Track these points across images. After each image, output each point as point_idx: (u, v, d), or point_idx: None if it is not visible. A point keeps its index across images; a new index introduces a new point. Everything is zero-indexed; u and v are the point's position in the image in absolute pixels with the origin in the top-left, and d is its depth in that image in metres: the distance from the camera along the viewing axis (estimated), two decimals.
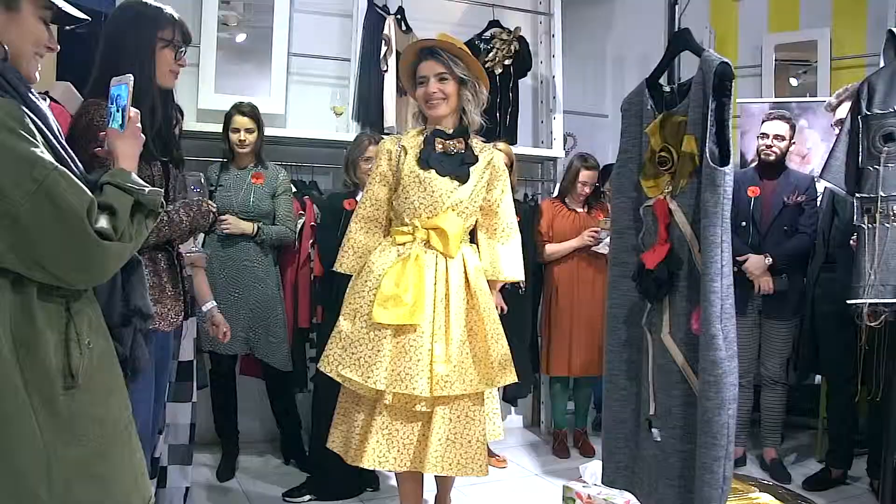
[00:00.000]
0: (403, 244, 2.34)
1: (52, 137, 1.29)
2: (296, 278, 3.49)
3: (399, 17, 3.90)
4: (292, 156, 3.77)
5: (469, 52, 2.41)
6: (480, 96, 2.39)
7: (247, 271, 3.20)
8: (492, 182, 2.43)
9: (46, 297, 1.24)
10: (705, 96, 1.51)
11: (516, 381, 2.39)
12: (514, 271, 2.47)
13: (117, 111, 1.43)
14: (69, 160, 1.31)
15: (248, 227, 3.17)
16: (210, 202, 2.04)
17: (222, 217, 3.07)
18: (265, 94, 3.74)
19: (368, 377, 2.23)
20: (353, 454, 2.33)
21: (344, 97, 3.96)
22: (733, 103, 4.64)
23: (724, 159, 1.51)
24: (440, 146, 2.36)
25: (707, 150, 1.50)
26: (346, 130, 3.88)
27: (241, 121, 3.26)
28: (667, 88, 1.74)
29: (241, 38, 3.88)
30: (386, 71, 3.76)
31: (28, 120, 1.23)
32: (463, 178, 2.35)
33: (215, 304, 2.63)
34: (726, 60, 1.53)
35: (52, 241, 1.19)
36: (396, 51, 3.65)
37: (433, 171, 2.33)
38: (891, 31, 1.94)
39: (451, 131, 2.38)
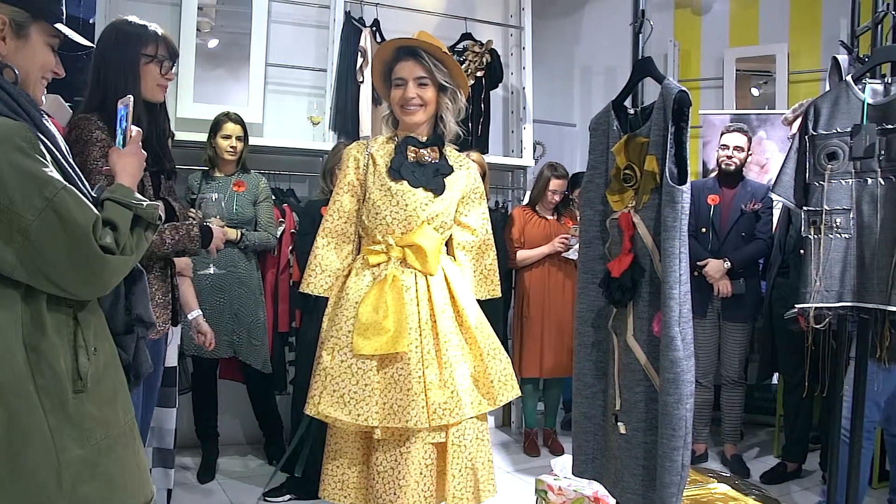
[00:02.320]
0: (378, 265, 2.14)
1: (60, 157, 1.35)
2: (276, 284, 3.57)
3: (374, 29, 3.99)
4: (269, 164, 3.83)
5: (451, 55, 2.23)
6: (459, 104, 2.20)
7: (231, 276, 3.28)
8: (468, 195, 2.26)
9: (55, 306, 1.30)
10: (665, 121, 1.65)
11: (519, 395, 2.23)
12: (489, 290, 2.33)
13: (121, 132, 1.52)
14: (76, 178, 1.38)
15: (232, 233, 3.25)
16: (195, 223, 2.08)
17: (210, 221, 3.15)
18: (243, 104, 3.80)
19: (359, 415, 2.02)
20: (354, 495, 2.14)
21: (321, 107, 4.04)
22: (695, 114, 4.83)
23: (682, 178, 1.65)
24: (412, 155, 2.16)
25: (667, 170, 1.64)
26: (323, 140, 3.96)
27: (233, 128, 3.35)
28: (631, 111, 1.88)
29: (212, 43, 3.93)
30: (362, 82, 3.86)
31: (39, 141, 1.30)
32: (438, 190, 2.16)
33: (200, 312, 2.70)
34: (684, 89, 1.66)
35: (59, 255, 1.25)
36: (372, 62, 3.75)
37: (405, 182, 2.13)
38: (835, 58, 2.10)
39: (424, 139, 2.19)
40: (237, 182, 3.35)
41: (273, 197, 3.58)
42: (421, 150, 2.17)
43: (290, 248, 3.57)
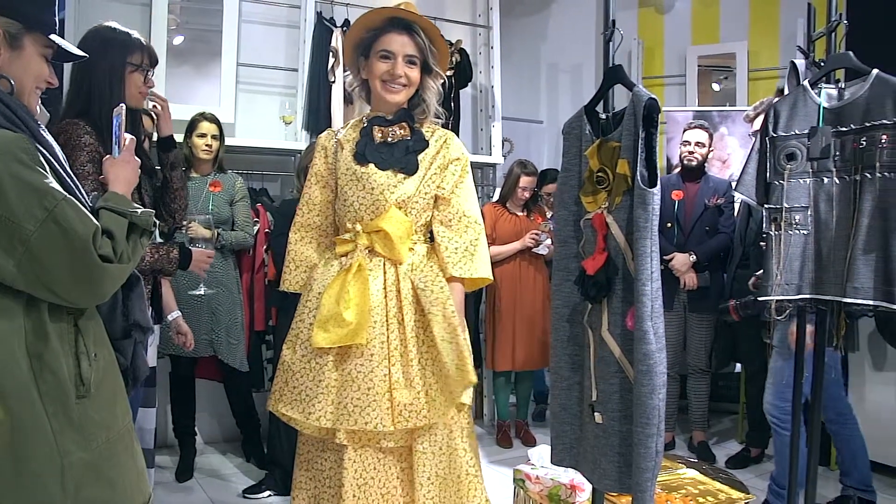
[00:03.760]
0: (346, 254, 2.02)
1: (59, 167, 1.37)
2: (251, 283, 3.60)
3: (345, 29, 4.02)
4: (242, 164, 3.86)
5: (443, 38, 2.10)
6: (438, 87, 2.09)
7: (209, 276, 3.27)
8: (444, 167, 2.06)
9: (56, 315, 1.32)
10: (636, 126, 1.74)
11: (473, 381, 1.95)
12: (466, 268, 2.01)
13: (115, 141, 1.55)
14: (74, 188, 1.40)
15: (208, 234, 3.27)
16: (175, 245, 2.11)
17: (189, 224, 3.17)
18: (215, 104, 3.82)
19: (310, 413, 1.89)
20: None
21: (292, 106, 4.07)
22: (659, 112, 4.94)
23: (652, 181, 1.74)
24: (379, 135, 2.02)
25: (639, 174, 1.73)
26: (295, 139, 3.99)
27: (208, 127, 3.36)
28: (603, 116, 1.96)
29: (178, 40, 3.93)
30: (334, 82, 3.90)
31: (38, 152, 1.32)
32: (410, 169, 2.00)
33: (180, 313, 2.73)
34: (654, 96, 1.75)
35: (59, 265, 1.27)
36: (343, 62, 3.79)
37: (372, 164, 2.00)
38: (793, 63, 2.21)
39: (390, 117, 2.04)
40: (213, 182, 3.37)
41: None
42: (387, 129, 2.03)
43: (265, 247, 3.60)
